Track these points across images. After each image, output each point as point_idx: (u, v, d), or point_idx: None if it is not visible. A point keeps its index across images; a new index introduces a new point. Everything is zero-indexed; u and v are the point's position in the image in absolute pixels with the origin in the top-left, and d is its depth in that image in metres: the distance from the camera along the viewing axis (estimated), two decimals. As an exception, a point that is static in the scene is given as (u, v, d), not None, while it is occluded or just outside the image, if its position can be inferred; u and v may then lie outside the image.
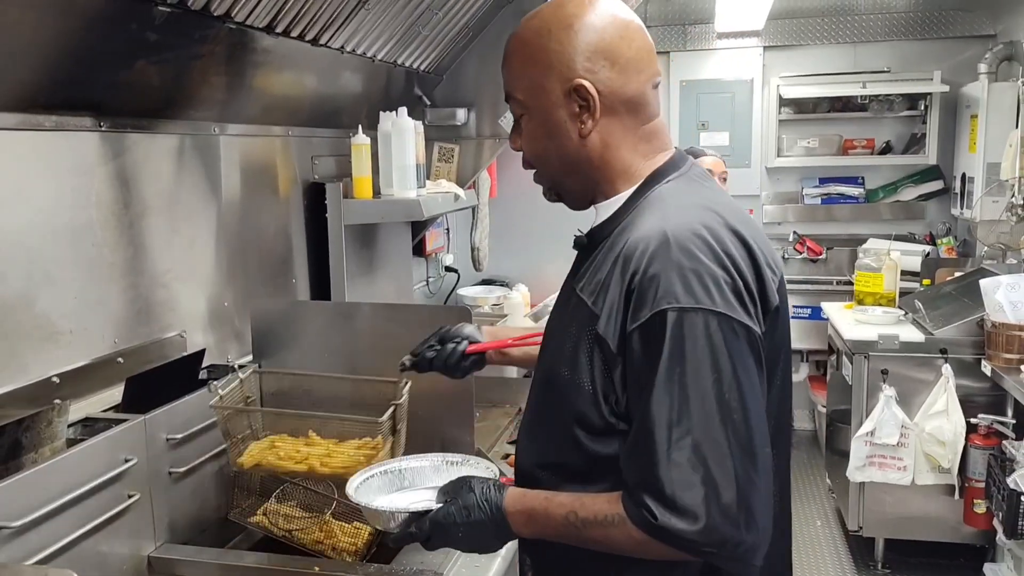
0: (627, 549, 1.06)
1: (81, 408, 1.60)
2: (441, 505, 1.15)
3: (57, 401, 1.50)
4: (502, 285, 3.81)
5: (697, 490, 0.98)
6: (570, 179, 1.21)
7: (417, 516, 1.16)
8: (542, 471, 1.18)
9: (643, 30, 1.18)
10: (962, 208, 4.68)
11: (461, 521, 1.13)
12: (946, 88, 4.77)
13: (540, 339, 1.30)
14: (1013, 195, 3.94)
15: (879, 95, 4.96)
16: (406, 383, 1.69)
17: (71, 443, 1.49)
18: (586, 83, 1.12)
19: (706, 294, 1.01)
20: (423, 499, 1.24)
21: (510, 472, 1.98)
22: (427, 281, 3.56)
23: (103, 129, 1.64)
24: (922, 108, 4.95)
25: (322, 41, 2.10)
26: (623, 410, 1.08)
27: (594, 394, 1.09)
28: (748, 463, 1.01)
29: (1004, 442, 3.10)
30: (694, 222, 1.07)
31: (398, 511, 1.18)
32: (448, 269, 3.76)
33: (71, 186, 1.59)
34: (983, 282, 3.16)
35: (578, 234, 1.25)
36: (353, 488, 1.28)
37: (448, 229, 3.71)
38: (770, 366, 1.11)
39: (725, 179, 3.42)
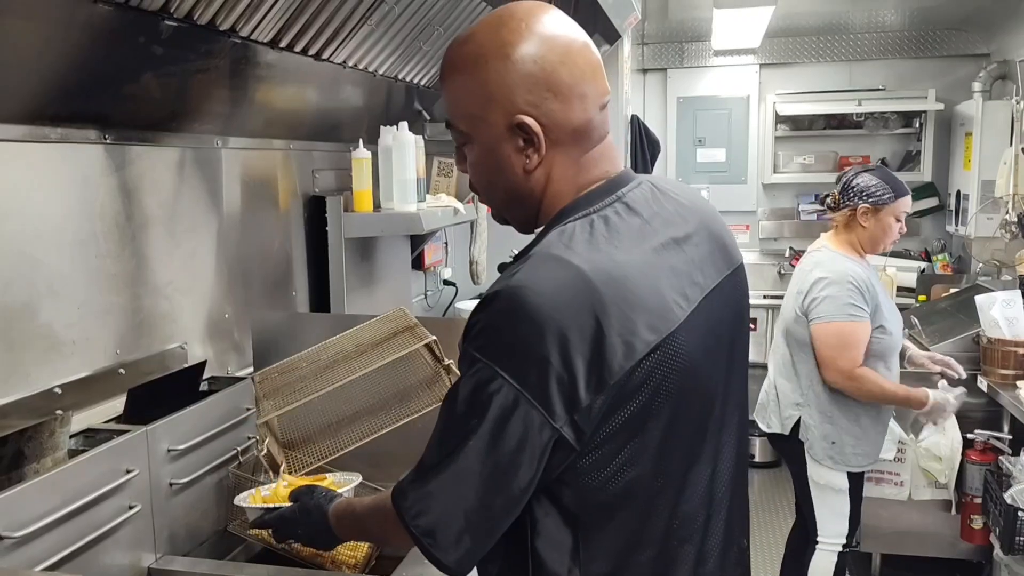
0: (379, 534, 1.32)
1: (83, 419, 1.60)
2: (288, 505, 1.38)
3: (59, 412, 1.50)
4: (500, 299, 3.81)
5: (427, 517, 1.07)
6: (515, 208, 1.17)
7: (269, 511, 1.41)
8: None
9: (587, 48, 1.10)
10: (957, 225, 4.71)
11: (300, 519, 1.34)
12: (941, 106, 4.81)
13: None
14: (1007, 212, 3.97)
15: (874, 113, 5.01)
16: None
17: (73, 454, 1.49)
18: (528, 120, 1.06)
19: (507, 360, 1.00)
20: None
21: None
22: (425, 294, 3.57)
23: (107, 141, 1.65)
24: (917, 126, 5.00)
25: (325, 56, 2.12)
26: None
27: None
28: (483, 515, 1.05)
29: (1001, 457, 3.11)
30: (540, 288, 1.01)
31: (257, 508, 1.46)
32: (446, 283, 3.77)
33: (75, 198, 1.60)
34: (979, 298, 3.18)
35: (508, 260, 1.26)
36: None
37: (446, 243, 3.72)
38: (629, 433, 1.05)
39: None
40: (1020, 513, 2.74)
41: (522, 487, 1.03)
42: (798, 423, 2.80)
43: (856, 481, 2.84)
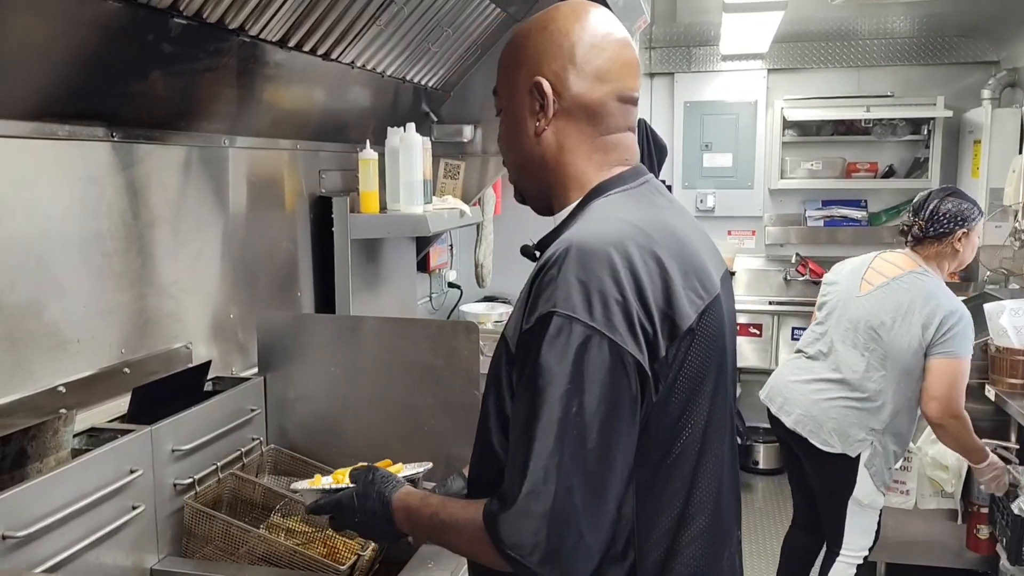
0: (470, 553, 1.11)
1: (87, 418, 1.59)
2: (346, 487, 1.25)
3: (63, 411, 1.49)
4: (504, 302, 3.81)
5: (520, 507, 1.00)
6: (526, 178, 1.24)
7: (326, 493, 1.28)
8: (470, 488, 1.22)
9: (625, 46, 1.19)
10: (965, 233, 4.69)
11: (357, 507, 1.21)
12: (949, 113, 4.79)
13: None
14: (1016, 221, 3.95)
15: (882, 119, 4.99)
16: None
17: (76, 453, 1.48)
18: (543, 81, 1.15)
19: (589, 310, 1.01)
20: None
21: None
22: (430, 297, 3.56)
23: (115, 139, 1.64)
24: (925, 133, 4.98)
25: (333, 56, 2.11)
26: None
27: (500, 389, 1.12)
28: (581, 486, 0.99)
29: (1008, 467, 3.09)
30: (606, 236, 1.06)
31: (314, 490, 1.32)
32: (451, 285, 3.76)
33: (82, 195, 1.59)
34: (987, 307, 3.16)
35: (529, 244, 1.26)
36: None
37: (451, 245, 3.71)
38: (690, 395, 1.09)
39: None
40: (1027, 523, 2.72)
41: (630, 444, 1.03)
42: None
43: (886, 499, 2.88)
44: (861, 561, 2.88)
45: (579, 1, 1.21)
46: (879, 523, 2.88)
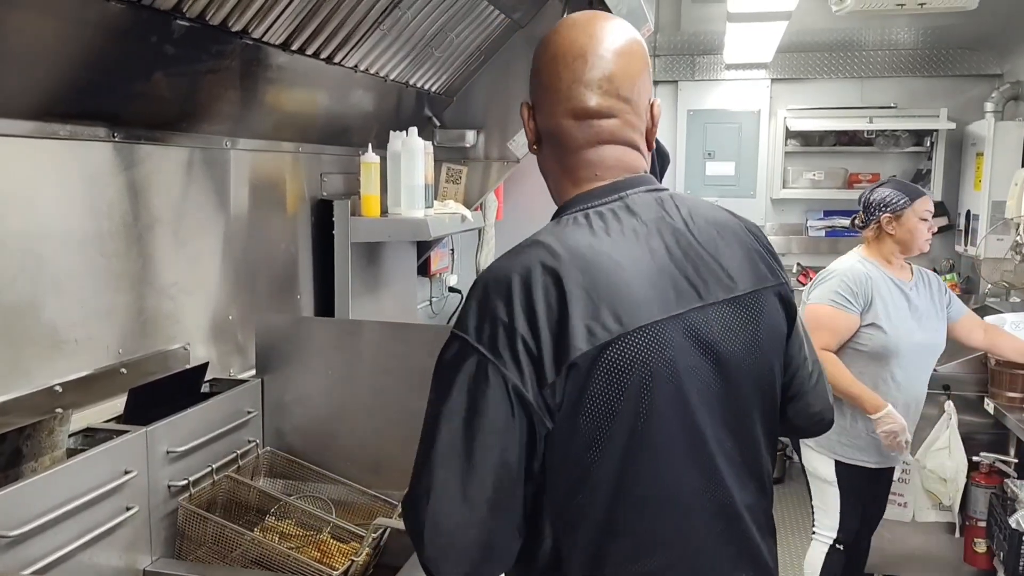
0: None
1: (83, 418, 1.59)
2: None
3: (59, 410, 1.49)
4: (505, 308, 3.81)
5: (409, 497, 1.08)
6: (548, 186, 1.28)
7: None
8: None
9: (576, 59, 1.15)
10: (966, 245, 4.69)
11: None
12: (952, 125, 4.79)
13: None
14: (1018, 233, 3.95)
15: (885, 130, 4.99)
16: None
17: (71, 453, 1.48)
18: (522, 108, 1.23)
19: (477, 332, 1.06)
20: None
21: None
22: (430, 301, 3.56)
23: (116, 140, 1.64)
24: (928, 145, 4.98)
25: (336, 59, 2.12)
26: None
27: None
28: (454, 489, 1.05)
29: (1006, 481, 3.08)
30: (514, 263, 1.09)
31: None
32: (452, 290, 3.76)
33: (82, 195, 1.59)
34: (987, 319, 3.16)
35: None
36: None
37: (453, 250, 3.71)
38: (594, 426, 1.06)
39: None
40: (1025, 538, 2.71)
41: (507, 461, 1.05)
42: None
43: (848, 477, 2.82)
44: (831, 543, 2.88)
45: (564, 19, 1.22)
46: (852, 509, 2.84)
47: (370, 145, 2.42)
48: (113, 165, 1.65)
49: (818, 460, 2.86)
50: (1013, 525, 2.78)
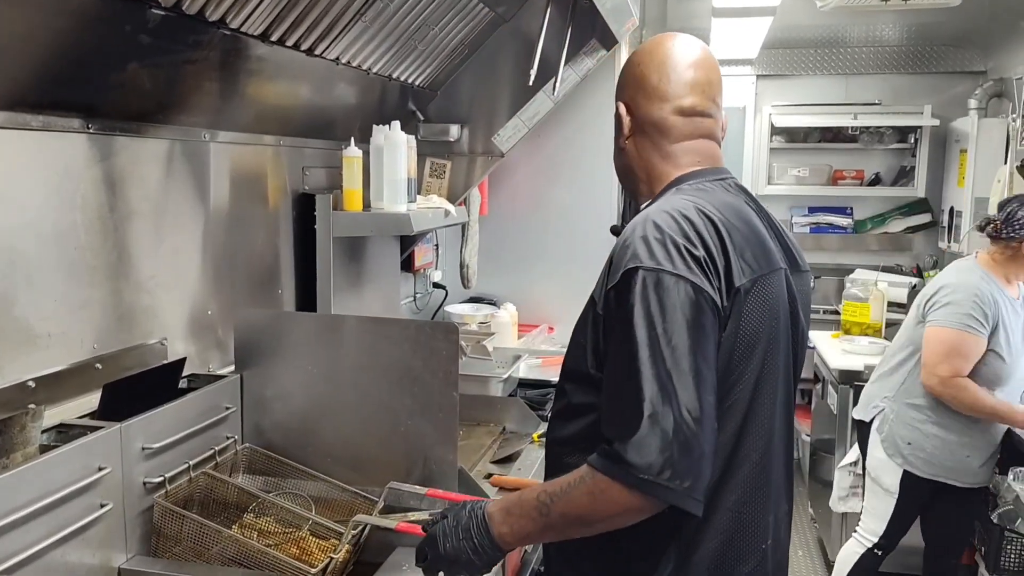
0: (588, 508, 1.17)
1: (56, 414, 1.56)
2: (436, 518, 1.35)
3: (32, 406, 1.46)
4: (490, 303, 3.79)
5: (645, 430, 1.12)
6: (621, 177, 1.51)
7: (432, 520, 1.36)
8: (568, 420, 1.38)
9: (687, 69, 1.39)
10: (949, 241, 4.71)
11: (450, 528, 1.30)
12: (936, 122, 4.82)
13: None
14: (1000, 230, 3.96)
15: (870, 127, 5.01)
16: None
17: (44, 449, 1.45)
18: (620, 106, 1.44)
19: (667, 259, 1.19)
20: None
21: (492, 492, 1.96)
22: (414, 297, 3.54)
23: (91, 131, 1.61)
24: (912, 141, 5.00)
25: (317, 52, 2.09)
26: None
27: (586, 349, 1.29)
28: (692, 405, 1.13)
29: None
30: (673, 207, 1.25)
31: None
32: (436, 286, 3.74)
33: (56, 187, 1.56)
34: (970, 315, 3.16)
35: (616, 225, 1.43)
36: None
37: (437, 245, 3.69)
38: (744, 351, 1.25)
39: None
40: (1006, 533, 2.73)
41: (713, 369, 1.19)
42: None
43: (911, 491, 2.84)
44: (870, 546, 2.90)
45: (661, 35, 1.44)
46: (904, 521, 2.88)
47: (352, 139, 2.39)
48: (88, 157, 1.62)
49: (886, 466, 2.85)
50: (994, 520, 2.79)
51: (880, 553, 2.91)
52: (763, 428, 1.30)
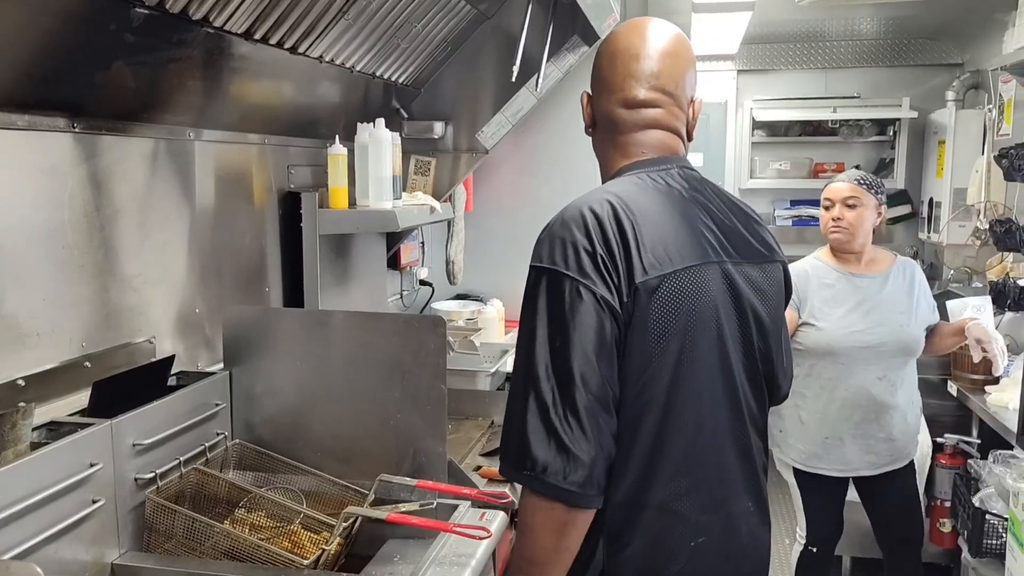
0: (537, 529, 1.22)
1: (46, 412, 1.56)
2: None
3: (22, 404, 1.47)
4: (476, 300, 3.80)
5: (530, 429, 1.20)
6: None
7: None
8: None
9: (630, 59, 1.39)
10: (929, 232, 4.76)
11: None
12: (914, 114, 4.87)
13: None
14: (979, 220, 4.02)
15: (849, 120, 5.05)
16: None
17: (35, 446, 1.46)
18: (583, 97, 1.48)
19: (563, 259, 1.23)
20: None
21: (481, 484, 1.98)
22: (401, 294, 3.55)
23: (76, 130, 1.62)
24: (891, 134, 5.05)
25: (300, 50, 2.10)
26: None
27: None
28: (572, 404, 1.19)
29: (969, 461, 3.14)
30: (588, 203, 1.28)
31: None
32: (422, 283, 3.75)
33: (42, 187, 1.57)
34: (950, 304, 3.21)
35: None
36: None
37: (423, 243, 3.70)
38: (655, 348, 1.26)
39: None
40: (988, 516, 2.77)
41: (608, 368, 1.22)
42: None
43: (804, 484, 2.86)
44: (803, 544, 2.91)
45: (625, 24, 1.46)
46: (815, 510, 2.89)
47: (337, 137, 2.41)
48: (74, 156, 1.63)
49: (781, 465, 2.90)
50: (977, 504, 2.84)
51: (815, 550, 2.88)
52: (688, 426, 1.29)
